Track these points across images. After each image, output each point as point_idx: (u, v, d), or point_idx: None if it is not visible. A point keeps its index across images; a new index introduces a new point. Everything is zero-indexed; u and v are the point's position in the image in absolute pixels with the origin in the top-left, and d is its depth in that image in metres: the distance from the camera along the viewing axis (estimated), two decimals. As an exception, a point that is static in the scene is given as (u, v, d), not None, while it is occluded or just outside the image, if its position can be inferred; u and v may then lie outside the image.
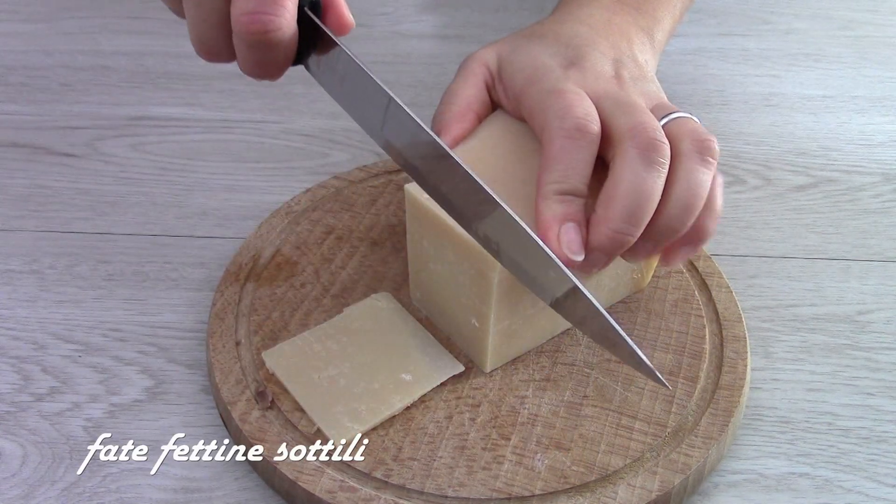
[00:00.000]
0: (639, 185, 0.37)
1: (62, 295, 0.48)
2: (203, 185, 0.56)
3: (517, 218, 0.36)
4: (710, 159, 0.39)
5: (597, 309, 0.36)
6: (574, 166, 0.38)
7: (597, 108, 0.40)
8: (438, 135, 0.41)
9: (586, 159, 0.39)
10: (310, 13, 0.39)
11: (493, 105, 0.45)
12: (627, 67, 0.43)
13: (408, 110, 0.38)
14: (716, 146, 0.39)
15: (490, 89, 0.45)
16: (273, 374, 0.42)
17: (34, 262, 0.50)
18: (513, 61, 0.44)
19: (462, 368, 0.42)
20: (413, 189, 0.42)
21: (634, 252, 0.38)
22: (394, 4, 0.75)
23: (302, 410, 0.40)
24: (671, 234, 0.38)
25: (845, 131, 0.63)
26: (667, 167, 0.38)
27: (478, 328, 0.41)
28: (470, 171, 0.37)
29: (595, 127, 0.39)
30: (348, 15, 0.41)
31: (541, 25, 0.47)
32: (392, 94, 0.38)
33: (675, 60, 0.69)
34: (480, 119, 0.44)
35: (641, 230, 0.37)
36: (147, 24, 0.71)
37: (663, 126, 0.40)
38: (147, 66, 0.67)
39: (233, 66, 0.72)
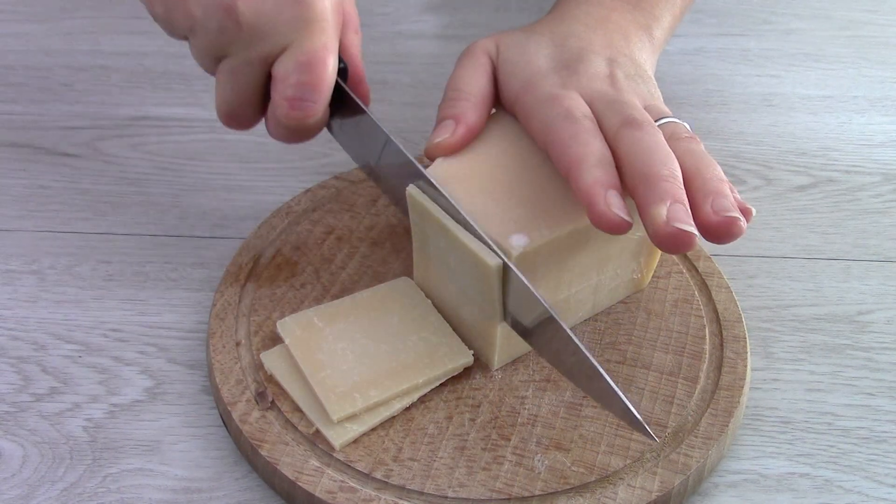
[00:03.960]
0: (650, 146, 0.37)
1: (62, 295, 0.48)
2: (203, 185, 0.56)
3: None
4: (697, 144, 0.40)
5: (575, 343, 0.37)
6: (591, 141, 0.38)
7: (591, 108, 0.41)
8: (453, 119, 0.43)
9: (600, 140, 0.39)
10: (340, 81, 0.44)
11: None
12: (622, 66, 0.44)
13: (426, 173, 0.41)
14: (697, 140, 0.40)
15: (493, 77, 0.45)
16: (272, 375, 0.42)
17: (34, 262, 0.50)
18: (509, 60, 0.44)
19: (472, 360, 0.42)
20: (415, 192, 0.42)
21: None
22: (394, 4, 0.75)
23: (302, 411, 0.40)
24: (717, 185, 0.37)
25: (845, 131, 0.63)
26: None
27: (484, 327, 0.41)
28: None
29: (594, 126, 0.39)
30: (367, 89, 0.46)
31: (538, 24, 0.47)
32: (418, 165, 0.42)
33: (675, 60, 0.69)
34: (490, 109, 0.45)
35: (681, 179, 0.37)
36: (147, 24, 0.71)
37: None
38: (147, 66, 0.67)
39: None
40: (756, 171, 0.59)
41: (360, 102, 0.44)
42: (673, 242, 0.35)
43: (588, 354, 0.36)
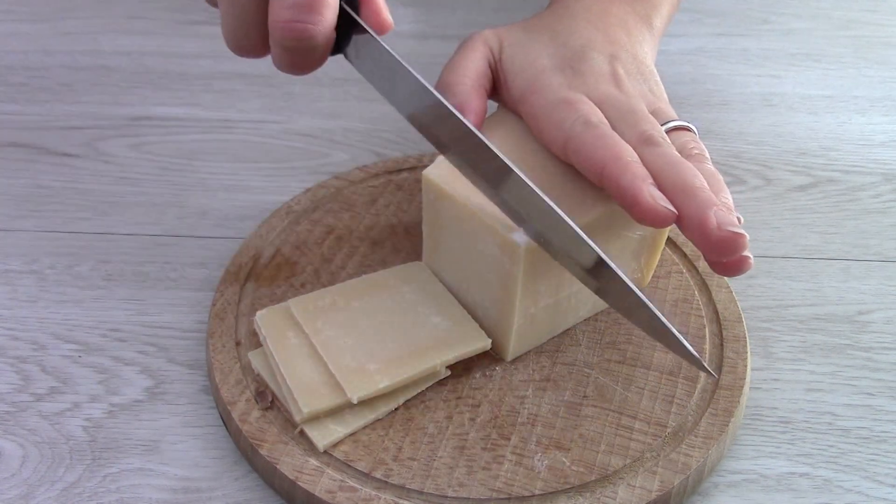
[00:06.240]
0: (677, 160, 0.38)
1: (62, 295, 0.48)
2: (203, 185, 0.56)
3: (541, 193, 0.37)
4: (706, 161, 0.40)
5: (626, 283, 0.37)
6: (619, 142, 0.39)
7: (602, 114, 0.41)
8: (458, 108, 0.41)
9: (623, 141, 0.39)
10: (348, 9, 0.40)
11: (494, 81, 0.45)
12: (624, 63, 0.44)
13: (442, 99, 0.38)
14: (707, 154, 0.41)
15: (491, 68, 0.45)
16: (259, 375, 0.42)
17: (34, 262, 0.50)
18: (513, 56, 0.44)
19: (489, 343, 0.42)
20: (433, 175, 0.42)
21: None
22: (392, 4, 0.75)
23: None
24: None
25: (845, 131, 0.63)
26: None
27: (501, 314, 0.41)
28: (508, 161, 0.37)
29: (613, 131, 0.40)
30: (387, 14, 0.41)
31: (539, 20, 0.47)
32: (427, 84, 0.39)
33: (675, 60, 0.69)
34: (488, 93, 0.45)
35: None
36: (147, 24, 0.71)
37: None
38: (147, 66, 0.67)
39: (233, 66, 0.72)
40: (756, 171, 0.59)
41: (368, 28, 0.40)
42: (727, 246, 0.36)
43: (646, 300, 0.37)
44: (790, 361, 0.46)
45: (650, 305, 0.37)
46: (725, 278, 0.48)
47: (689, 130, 0.42)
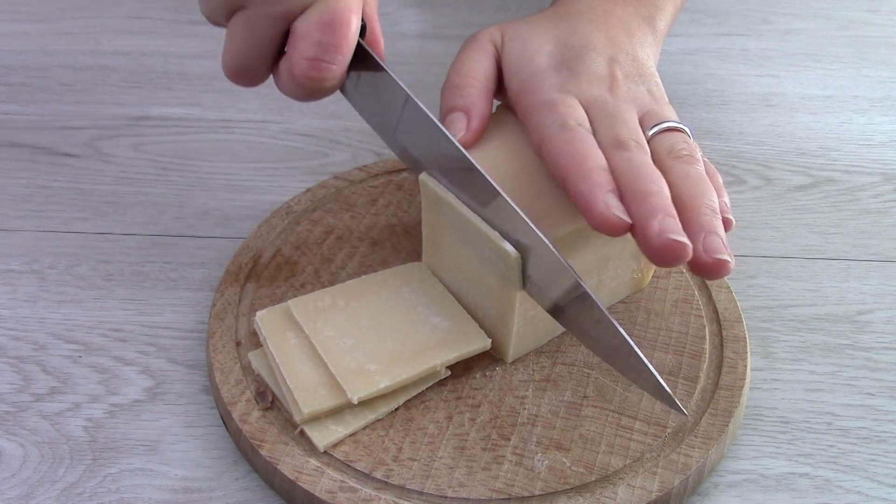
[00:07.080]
0: (637, 165, 0.38)
1: (62, 295, 0.48)
2: (203, 185, 0.56)
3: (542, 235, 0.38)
4: (695, 163, 0.40)
5: (610, 321, 0.37)
6: (586, 147, 0.39)
7: (587, 115, 0.41)
8: (465, 111, 0.42)
9: (595, 147, 0.39)
10: (364, 45, 0.42)
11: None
12: (622, 65, 0.44)
13: (454, 140, 0.40)
14: (697, 154, 0.40)
15: (498, 67, 0.45)
16: (259, 375, 0.42)
17: (34, 262, 0.50)
18: (512, 54, 0.45)
19: (489, 343, 0.42)
20: (429, 179, 0.42)
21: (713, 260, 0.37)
22: (394, 4, 0.75)
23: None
24: (709, 219, 0.37)
25: (845, 131, 0.63)
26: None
27: (501, 316, 0.41)
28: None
29: (589, 134, 0.40)
30: (382, 47, 0.44)
31: (542, 17, 0.47)
32: (440, 124, 0.40)
33: (675, 60, 0.69)
34: (494, 95, 0.45)
35: (669, 196, 0.37)
36: (147, 24, 0.71)
37: (651, 137, 0.41)
38: (147, 66, 0.67)
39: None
40: (756, 171, 0.59)
41: (380, 62, 0.42)
42: (667, 253, 0.36)
43: (619, 328, 0.37)
44: (790, 361, 0.46)
45: (629, 340, 0.37)
46: (725, 278, 0.48)
47: (681, 132, 0.42)
